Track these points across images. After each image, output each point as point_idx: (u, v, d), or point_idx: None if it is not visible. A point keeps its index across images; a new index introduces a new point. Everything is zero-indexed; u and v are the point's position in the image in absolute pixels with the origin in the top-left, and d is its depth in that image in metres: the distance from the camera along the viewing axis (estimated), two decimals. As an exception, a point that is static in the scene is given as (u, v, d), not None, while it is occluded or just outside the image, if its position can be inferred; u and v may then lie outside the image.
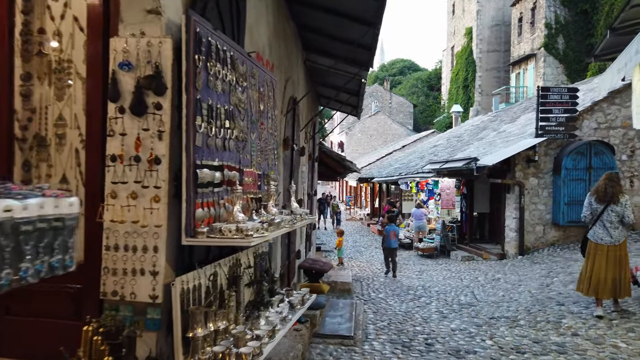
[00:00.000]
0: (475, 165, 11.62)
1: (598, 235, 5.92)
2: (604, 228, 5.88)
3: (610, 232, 5.85)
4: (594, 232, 5.97)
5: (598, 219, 5.91)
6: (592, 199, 6.01)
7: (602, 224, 5.89)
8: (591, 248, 6.02)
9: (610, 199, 5.86)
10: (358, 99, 8.17)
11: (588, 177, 11.28)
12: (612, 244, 5.87)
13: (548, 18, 28.12)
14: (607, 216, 5.86)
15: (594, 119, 11.68)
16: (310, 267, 7.00)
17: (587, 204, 6.07)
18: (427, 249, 14.32)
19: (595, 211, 5.95)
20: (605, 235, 5.88)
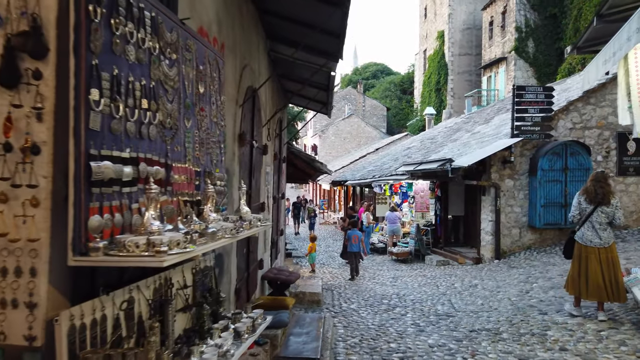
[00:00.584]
0: (450, 166, 11.16)
1: (587, 237, 5.69)
2: (593, 229, 5.65)
3: (600, 233, 5.63)
4: (582, 233, 5.73)
5: (587, 220, 5.68)
6: (582, 198, 5.77)
7: (590, 225, 5.66)
8: (580, 250, 5.76)
9: (600, 200, 5.63)
10: (328, 95, 7.56)
11: (564, 178, 10.97)
12: (602, 246, 5.65)
13: (518, 22, 28.27)
14: (596, 217, 5.63)
15: (569, 119, 11.39)
16: (274, 278, 6.32)
17: (576, 203, 5.82)
18: (401, 254, 13.81)
19: (584, 212, 5.71)
20: (594, 237, 5.65)
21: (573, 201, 5.91)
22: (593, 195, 5.66)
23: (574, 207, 5.83)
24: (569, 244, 5.94)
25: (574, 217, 5.82)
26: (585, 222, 5.66)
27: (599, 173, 5.92)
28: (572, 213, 5.88)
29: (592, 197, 5.66)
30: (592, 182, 5.76)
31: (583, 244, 5.72)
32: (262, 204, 5.84)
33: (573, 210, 5.84)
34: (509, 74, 29.21)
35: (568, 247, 5.99)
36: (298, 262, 13.94)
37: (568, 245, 5.99)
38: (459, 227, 14.28)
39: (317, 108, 8.73)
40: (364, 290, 8.97)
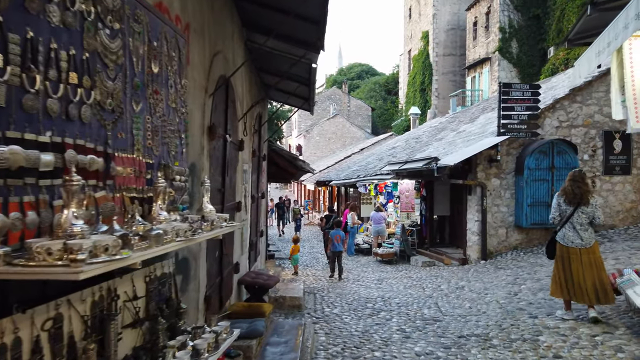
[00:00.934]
0: (436, 165, 10.88)
1: (568, 238, 5.59)
2: (574, 230, 5.57)
3: (581, 234, 5.55)
4: (563, 234, 5.63)
5: (567, 220, 5.59)
6: (561, 199, 5.67)
7: (571, 225, 5.57)
8: (562, 251, 5.65)
9: (579, 200, 5.55)
10: (309, 89, 7.18)
11: (551, 177, 10.76)
12: (584, 246, 5.56)
13: (502, 22, 28.29)
14: (577, 218, 5.55)
15: (555, 117, 11.21)
16: (252, 282, 5.92)
17: (556, 205, 5.72)
18: (386, 255, 13.50)
19: (565, 212, 5.62)
20: (575, 237, 5.56)
21: (552, 202, 5.81)
22: (572, 196, 5.56)
23: (553, 208, 5.72)
24: (551, 244, 5.83)
25: (554, 218, 5.72)
26: (566, 223, 5.57)
27: (577, 172, 5.78)
28: (552, 214, 5.76)
29: (571, 197, 5.56)
30: (570, 182, 5.65)
31: (564, 244, 5.62)
32: (237, 204, 5.44)
33: (553, 212, 5.72)
34: (492, 75, 29.22)
35: (550, 247, 5.87)
36: (281, 264, 13.54)
37: (550, 246, 5.87)
38: (445, 227, 14.04)
39: (298, 104, 8.36)
40: (348, 293, 8.61)
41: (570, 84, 11.22)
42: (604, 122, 11.26)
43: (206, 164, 3.95)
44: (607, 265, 8.53)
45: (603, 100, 11.22)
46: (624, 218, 11.35)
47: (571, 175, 5.74)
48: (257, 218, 7.47)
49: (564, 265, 5.61)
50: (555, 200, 5.75)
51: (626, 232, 10.93)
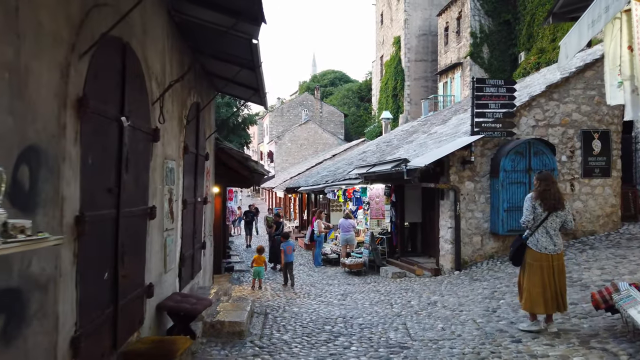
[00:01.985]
0: (405, 167, 9.88)
1: (542, 244, 5.22)
2: (548, 236, 5.22)
3: (554, 240, 5.24)
4: (536, 240, 5.25)
5: (540, 225, 5.23)
6: (537, 203, 5.27)
7: (545, 231, 5.23)
8: (534, 259, 5.24)
9: (557, 204, 5.26)
10: (256, 76, 6.05)
11: (528, 179, 9.88)
12: (555, 252, 5.25)
13: (473, 27, 27.91)
14: (551, 223, 5.24)
15: (532, 116, 10.38)
16: (175, 308, 4.72)
17: (530, 208, 5.30)
18: (354, 265, 12.41)
19: (539, 217, 5.25)
20: (549, 243, 5.22)
21: (525, 204, 5.38)
22: (552, 200, 5.23)
23: (527, 211, 5.30)
24: (519, 251, 5.41)
25: (527, 222, 5.31)
26: (539, 228, 5.22)
27: (548, 174, 5.51)
28: (525, 218, 5.32)
29: (550, 201, 5.22)
30: (545, 184, 5.29)
31: (538, 251, 5.21)
32: (150, 209, 4.25)
33: (527, 215, 5.30)
34: (464, 80, 28.73)
35: (518, 253, 5.44)
36: (240, 277, 12.30)
37: (518, 252, 5.44)
38: (417, 234, 13.05)
39: (246, 95, 7.22)
40: (306, 313, 7.46)
41: (532, 91, 10.44)
42: (582, 121, 10.50)
43: (71, 150, 2.77)
44: (592, 277, 7.67)
45: (581, 98, 10.47)
46: (604, 223, 10.57)
47: (544, 177, 5.40)
48: (194, 227, 6.27)
49: (543, 273, 5.19)
50: (529, 203, 5.33)
51: (607, 238, 10.13)
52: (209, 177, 7.44)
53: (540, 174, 5.52)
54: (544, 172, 5.63)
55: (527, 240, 5.32)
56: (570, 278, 7.67)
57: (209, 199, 7.46)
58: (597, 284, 7.08)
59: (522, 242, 5.39)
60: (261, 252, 10.71)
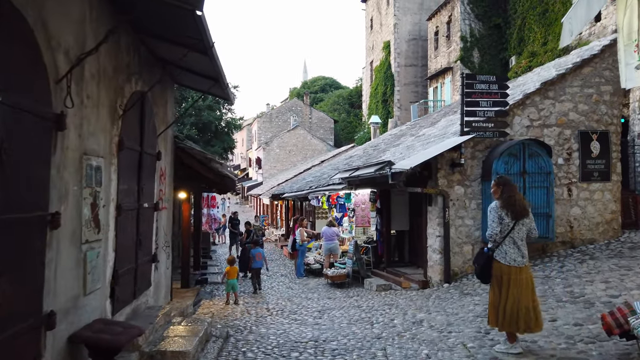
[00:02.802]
0: (389, 170, 9.01)
1: (510, 256, 4.85)
2: (516, 247, 4.87)
3: (522, 250, 4.90)
4: (504, 252, 4.87)
5: (507, 235, 4.86)
6: (503, 213, 4.87)
7: (512, 241, 4.86)
8: (503, 272, 4.85)
9: (523, 212, 4.90)
10: (210, 60, 5.14)
11: (522, 184, 9.04)
12: (524, 264, 4.90)
13: (463, 31, 27.33)
14: (518, 232, 4.88)
15: (525, 115, 9.56)
16: (93, 339, 3.77)
17: (497, 218, 4.88)
18: (337, 277, 11.47)
19: (507, 227, 4.86)
20: (517, 255, 4.87)
21: (490, 215, 4.98)
22: (519, 208, 4.85)
23: (494, 222, 4.87)
24: (488, 265, 4.96)
25: (495, 234, 4.88)
26: (506, 238, 4.86)
27: (508, 178, 5.18)
28: (493, 230, 4.89)
29: (518, 209, 4.83)
30: (510, 190, 4.93)
31: (506, 264, 4.83)
32: (53, 215, 3.31)
33: (494, 227, 4.87)
34: (455, 84, 28.07)
35: (487, 268, 4.97)
36: (214, 289, 11.32)
37: (487, 266, 4.97)
38: (404, 243, 12.16)
39: (206, 87, 6.30)
40: (273, 335, 6.49)
41: (526, 89, 9.65)
42: (580, 121, 9.70)
43: None
44: (596, 291, 6.79)
45: (578, 96, 9.68)
46: (604, 231, 9.74)
47: (505, 181, 5.02)
48: (138, 237, 5.32)
49: (510, 289, 4.80)
50: (495, 214, 4.90)
51: (608, 247, 9.30)
52: (164, 179, 6.50)
53: (500, 179, 5.09)
54: (504, 177, 5.22)
55: (494, 253, 4.89)
56: (571, 293, 6.80)
57: (164, 204, 6.51)
58: (603, 300, 6.22)
59: (488, 256, 4.93)
60: (232, 263, 9.77)
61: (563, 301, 6.49)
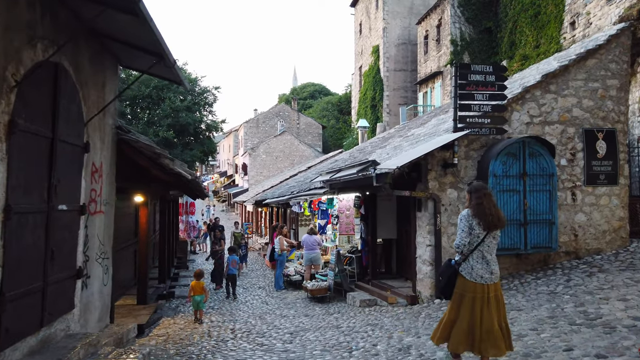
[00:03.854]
0: (374, 171, 7.92)
1: (477, 272, 4.35)
2: (484, 262, 4.37)
3: (492, 266, 4.39)
4: (471, 267, 4.37)
5: (476, 249, 4.36)
6: (474, 222, 4.38)
7: (481, 255, 4.37)
8: (466, 289, 4.36)
9: (497, 223, 4.38)
10: (139, 22, 4.02)
11: (523, 187, 8.00)
12: (492, 281, 4.38)
13: (454, 35, 26.56)
14: (488, 245, 4.39)
15: (525, 111, 8.54)
16: None
17: (467, 228, 4.39)
18: (317, 290, 10.31)
19: (476, 238, 4.38)
20: (485, 271, 4.35)
21: (460, 224, 4.47)
22: (492, 218, 4.33)
23: (464, 232, 4.38)
24: (452, 279, 4.49)
25: (463, 246, 4.39)
26: (475, 252, 4.36)
27: (482, 185, 4.64)
28: (461, 241, 4.39)
29: (490, 219, 4.32)
30: (484, 197, 4.41)
31: (472, 280, 4.34)
32: None
33: (463, 237, 4.39)
34: (445, 89, 27.23)
35: (451, 283, 4.50)
36: (180, 304, 10.11)
37: (451, 282, 4.50)
38: (392, 253, 11.05)
39: (147, 65, 5.17)
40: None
41: (526, 82, 8.64)
42: (584, 118, 8.70)
43: None
44: (615, 312, 5.67)
45: (582, 90, 8.69)
46: (611, 240, 8.71)
47: (476, 188, 4.53)
48: (47, 248, 4.13)
49: (474, 307, 4.29)
50: (465, 223, 4.41)
51: (617, 258, 8.26)
52: (99, 178, 5.33)
53: (472, 185, 4.62)
54: (476, 183, 4.70)
55: (460, 267, 4.39)
56: (585, 313, 5.72)
57: (99, 207, 5.33)
58: (626, 324, 5.14)
59: (454, 270, 4.45)
60: (200, 277, 8.57)
61: (577, 324, 5.40)
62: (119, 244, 8.74)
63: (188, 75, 22.28)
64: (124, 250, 8.91)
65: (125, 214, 8.91)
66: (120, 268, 8.88)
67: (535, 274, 8.07)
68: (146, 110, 21.67)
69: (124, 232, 9.08)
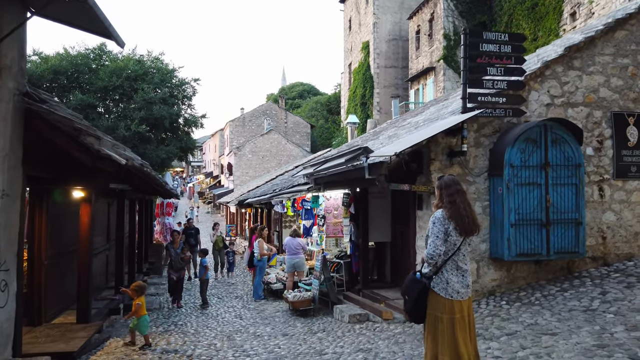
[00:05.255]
0: (366, 160, 6.44)
1: (453, 287, 3.57)
2: (460, 273, 3.62)
3: (467, 278, 3.65)
4: (445, 281, 3.58)
5: (450, 258, 3.57)
6: (451, 225, 3.58)
7: (455, 266, 3.61)
8: (444, 310, 3.54)
9: (473, 226, 3.62)
10: None
11: (544, 179, 6.59)
12: (468, 296, 3.65)
13: (447, 29, 25.30)
14: (464, 254, 3.67)
15: (545, 90, 7.14)
16: None
17: (442, 233, 3.56)
18: (299, 303, 8.80)
19: (453, 246, 3.56)
20: (462, 285, 3.61)
21: (433, 229, 3.62)
22: (470, 220, 3.60)
23: (438, 239, 3.53)
24: (421, 298, 3.61)
25: (438, 256, 3.53)
26: (448, 262, 3.57)
27: (454, 179, 3.81)
28: (436, 249, 3.53)
29: (466, 223, 3.57)
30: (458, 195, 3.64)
31: (448, 297, 3.54)
32: None
33: (438, 246, 3.53)
34: (437, 85, 25.95)
35: (420, 304, 3.63)
36: (127, 323, 8.49)
37: (421, 301, 3.62)
38: (385, 258, 9.58)
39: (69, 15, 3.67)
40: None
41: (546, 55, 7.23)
42: (613, 99, 7.32)
43: None
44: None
45: (610, 67, 7.30)
46: (645, 243, 7.33)
47: (447, 183, 3.73)
48: None
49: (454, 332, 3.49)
50: (439, 227, 3.58)
51: (653, 264, 6.89)
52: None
53: (442, 179, 3.87)
54: (448, 177, 3.93)
55: (431, 282, 3.64)
56: None
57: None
58: None
59: (423, 286, 3.65)
60: (141, 292, 6.87)
61: (640, 357, 3.98)
62: (59, 249, 7.15)
63: (165, 66, 20.72)
64: (65, 257, 7.32)
65: (67, 212, 7.32)
66: (61, 278, 7.29)
67: (559, 284, 6.65)
68: (119, 103, 20.02)
69: (67, 235, 7.49)
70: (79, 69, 19.93)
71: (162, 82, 19.07)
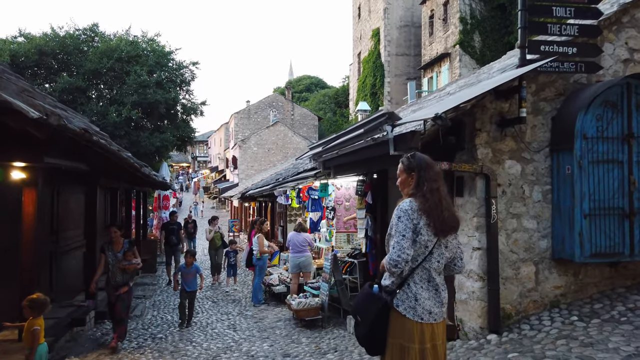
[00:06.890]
0: (391, 130, 4.82)
1: (424, 305, 2.68)
2: (432, 286, 2.72)
3: (442, 294, 2.77)
4: (413, 297, 2.68)
5: (420, 265, 2.70)
6: (422, 222, 2.67)
7: (426, 276, 2.73)
8: (412, 337, 2.64)
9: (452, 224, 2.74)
10: None
11: (628, 156, 4.94)
12: (442, 318, 2.76)
13: (463, 12, 23.57)
14: (438, 260, 2.75)
15: (622, 42, 5.47)
16: None
17: (409, 231, 2.66)
18: (304, 311, 7.21)
19: (424, 249, 2.70)
20: (435, 302, 2.71)
21: (398, 225, 2.67)
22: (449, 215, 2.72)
23: (404, 239, 2.63)
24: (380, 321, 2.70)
25: (405, 262, 2.63)
26: (418, 270, 2.70)
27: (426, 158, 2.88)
28: (402, 253, 2.60)
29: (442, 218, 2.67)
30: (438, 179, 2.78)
31: (417, 320, 2.65)
32: None
33: (405, 248, 2.61)
34: (453, 72, 24.21)
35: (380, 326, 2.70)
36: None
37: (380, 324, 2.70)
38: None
39: None
40: None
41: None
42: None
43: None
44: None
45: None
46: None
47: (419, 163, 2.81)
48: None
49: None
50: (406, 223, 2.66)
51: None
52: None
53: (416, 158, 2.82)
54: (421, 155, 2.86)
55: (394, 298, 2.67)
56: None
57: None
58: None
59: (384, 304, 2.68)
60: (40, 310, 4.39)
61: None
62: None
63: (161, 48, 19.21)
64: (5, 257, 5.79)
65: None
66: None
67: (645, 296, 5.00)
68: (110, 87, 18.54)
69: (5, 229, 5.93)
70: (67, 50, 18.40)
71: (157, 65, 17.58)
